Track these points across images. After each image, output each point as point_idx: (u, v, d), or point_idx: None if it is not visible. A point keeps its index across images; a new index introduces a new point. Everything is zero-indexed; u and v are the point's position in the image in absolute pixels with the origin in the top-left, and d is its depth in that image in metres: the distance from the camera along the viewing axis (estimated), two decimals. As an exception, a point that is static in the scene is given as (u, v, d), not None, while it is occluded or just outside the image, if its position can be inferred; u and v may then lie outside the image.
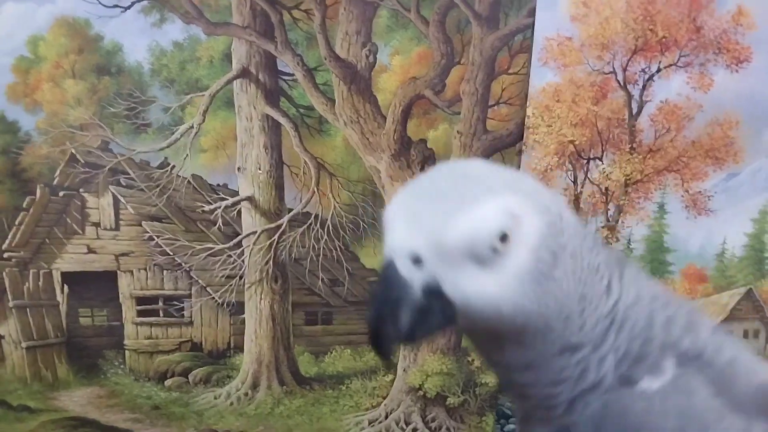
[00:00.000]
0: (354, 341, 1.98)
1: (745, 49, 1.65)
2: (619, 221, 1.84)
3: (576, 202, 1.81)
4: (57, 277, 1.73)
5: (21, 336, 1.76)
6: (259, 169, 1.71)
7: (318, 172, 1.72)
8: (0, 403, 1.83)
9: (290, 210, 1.76)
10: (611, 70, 1.70)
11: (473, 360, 2.07)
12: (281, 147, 1.71)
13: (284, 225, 1.76)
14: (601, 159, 1.78)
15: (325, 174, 1.73)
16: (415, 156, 1.72)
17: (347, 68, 1.63)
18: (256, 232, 1.76)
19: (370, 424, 2.08)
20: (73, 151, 1.62)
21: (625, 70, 1.70)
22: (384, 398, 2.06)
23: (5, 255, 1.68)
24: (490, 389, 2.11)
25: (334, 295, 1.89)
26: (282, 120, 1.67)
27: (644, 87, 1.72)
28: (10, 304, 1.72)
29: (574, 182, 1.80)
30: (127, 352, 1.88)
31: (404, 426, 2.10)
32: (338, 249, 1.82)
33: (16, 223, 1.66)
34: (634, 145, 1.76)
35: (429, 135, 1.71)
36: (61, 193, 1.66)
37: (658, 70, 1.70)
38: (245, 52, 1.60)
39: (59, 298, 1.75)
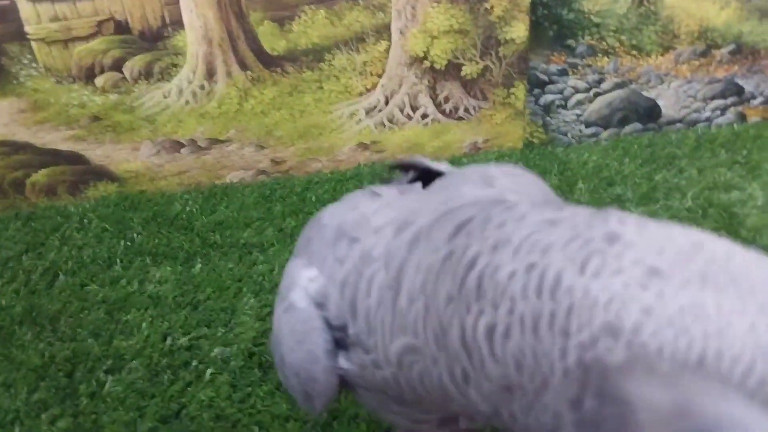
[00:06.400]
0: None
1: None
2: None
3: None
4: None
5: None
6: None
7: None
8: None
9: None
10: None
11: (492, 7, 1.56)
12: None
13: None
14: None
15: None
16: None
17: None
18: None
19: (367, 114, 1.65)
20: None
21: None
22: (380, 76, 1.61)
23: None
24: (518, 48, 1.63)
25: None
26: None
27: None
28: None
29: None
30: (33, 44, 1.44)
31: (410, 112, 1.67)
32: None
33: None
34: None
35: None
36: None
37: None
38: None
39: None
